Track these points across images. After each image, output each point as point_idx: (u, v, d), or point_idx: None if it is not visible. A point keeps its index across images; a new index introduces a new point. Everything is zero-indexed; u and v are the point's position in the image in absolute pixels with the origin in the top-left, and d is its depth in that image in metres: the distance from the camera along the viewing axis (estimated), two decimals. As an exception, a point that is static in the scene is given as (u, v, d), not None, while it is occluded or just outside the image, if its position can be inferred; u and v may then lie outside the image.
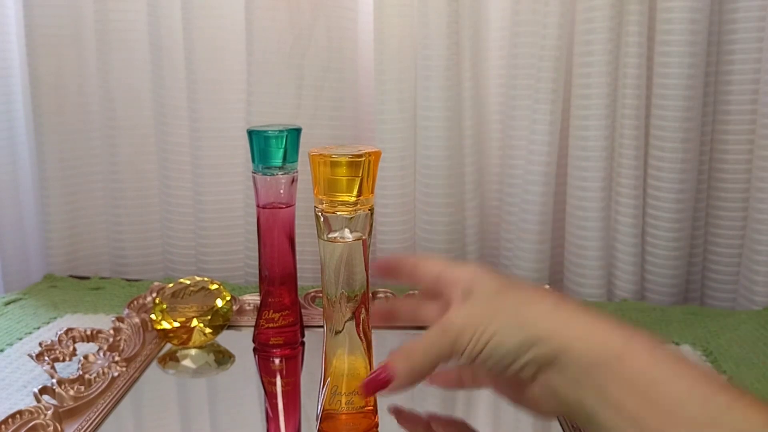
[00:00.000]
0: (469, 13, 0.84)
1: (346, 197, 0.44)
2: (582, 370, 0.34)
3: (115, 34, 0.88)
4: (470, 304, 0.40)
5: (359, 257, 0.46)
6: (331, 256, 0.46)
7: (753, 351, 0.67)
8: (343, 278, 0.46)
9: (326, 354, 0.48)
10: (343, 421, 0.48)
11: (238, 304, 0.75)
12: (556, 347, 0.35)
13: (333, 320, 0.47)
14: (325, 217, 0.45)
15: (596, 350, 0.34)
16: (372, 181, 0.45)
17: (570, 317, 0.36)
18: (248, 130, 0.62)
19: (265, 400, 0.60)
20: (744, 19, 0.78)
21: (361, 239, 0.46)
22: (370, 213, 0.45)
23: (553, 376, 0.36)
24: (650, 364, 0.33)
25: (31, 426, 0.49)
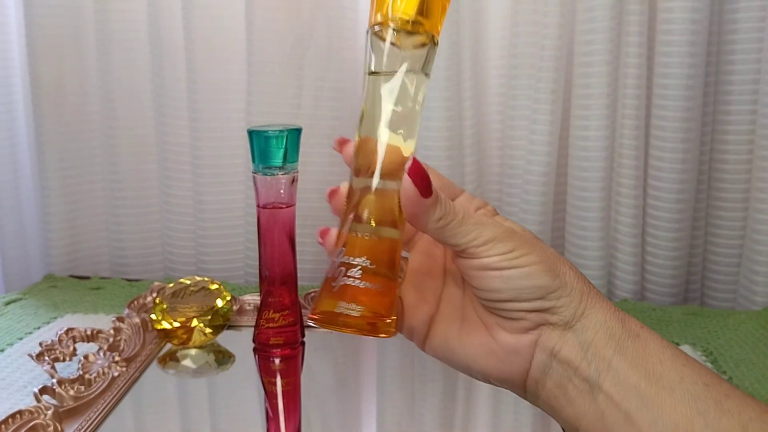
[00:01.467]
0: (469, 13, 0.84)
1: (408, 15, 0.36)
2: (597, 339, 0.34)
3: (115, 35, 0.88)
4: (506, 225, 0.36)
5: (416, 100, 0.37)
6: (380, 97, 0.36)
7: (753, 351, 0.67)
8: (391, 128, 0.36)
9: (341, 225, 0.37)
10: (336, 297, 0.35)
11: (238, 304, 0.75)
12: (581, 311, 0.34)
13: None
14: (378, 41, 0.36)
15: (616, 325, 0.34)
16: (442, 10, 0.37)
17: (593, 289, 0.36)
18: (248, 130, 0.62)
19: (265, 400, 0.60)
20: (744, 19, 0.78)
21: (423, 75, 0.37)
22: (432, 45, 0.37)
23: (554, 335, 0.34)
24: (662, 346, 0.34)
25: (31, 426, 0.49)
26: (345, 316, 0.34)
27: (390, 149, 0.36)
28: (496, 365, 0.36)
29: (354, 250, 0.35)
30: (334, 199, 0.39)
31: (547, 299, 0.34)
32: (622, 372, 0.33)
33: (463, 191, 0.40)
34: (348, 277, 0.35)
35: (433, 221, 0.34)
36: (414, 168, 0.34)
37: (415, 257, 0.39)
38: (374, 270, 0.35)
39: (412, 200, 0.34)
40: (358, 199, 0.36)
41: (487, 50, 0.87)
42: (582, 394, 0.34)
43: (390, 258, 0.36)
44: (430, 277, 0.39)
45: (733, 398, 0.32)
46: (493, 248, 0.34)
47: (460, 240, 0.34)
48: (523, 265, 0.34)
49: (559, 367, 0.34)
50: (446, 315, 0.38)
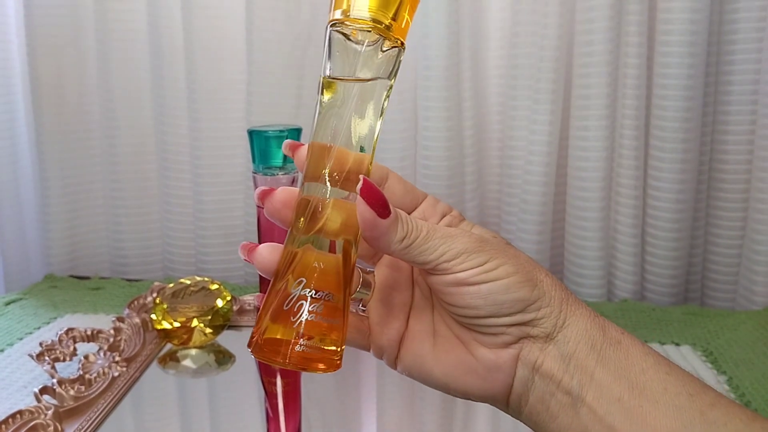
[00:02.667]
0: (469, 13, 0.84)
1: (377, 14, 0.32)
2: (578, 350, 0.33)
3: (115, 35, 0.88)
4: (475, 234, 0.34)
5: (376, 111, 0.33)
6: (337, 105, 0.33)
7: (753, 351, 0.67)
8: (344, 138, 0.33)
9: (289, 240, 0.34)
10: (294, 333, 0.32)
11: (238, 304, 0.75)
12: (562, 321, 0.33)
13: (311, 202, 0.33)
14: (343, 41, 0.33)
15: (597, 333, 0.33)
16: (409, 14, 0.33)
17: (570, 295, 0.35)
18: (248, 130, 0.62)
19: (265, 400, 0.60)
20: (744, 19, 0.78)
21: (387, 85, 0.33)
22: (399, 51, 0.33)
23: (535, 348, 0.33)
24: (643, 353, 0.33)
25: (31, 426, 0.49)
26: (301, 353, 0.31)
27: (349, 157, 0.33)
28: (477, 383, 0.34)
29: (314, 279, 0.32)
30: (274, 201, 0.34)
31: (527, 312, 0.33)
32: (605, 384, 0.32)
33: (425, 196, 0.37)
34: (310, 313, 0.32)
35: (395, 243, 0.31)
36: (366, 188, 0.31)
37: (381, 270, 0.36)
38: (334, 302, 0.32)
39: (369, 223, 0.31)
40: (313, 211, 0.33)
41: (487, 50, 0.87)
42: (565, 409, 0.32)
43: (347, 281, 0.33)
44: (398, 292, 0.36)
45: (719, 408, 0.31)
46: (465, 261, 0.32)
47: (428, 257, 0.32)
48: (501, 277, 0.32)
49: (541, 382, 0.33)
50: (417, 332, 0.35)
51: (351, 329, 0.35)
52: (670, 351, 0.69)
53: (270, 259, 0.33)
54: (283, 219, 0.34)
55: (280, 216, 0.34)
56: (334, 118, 0.33)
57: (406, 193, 0.36)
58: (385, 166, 0.36)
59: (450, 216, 0.37)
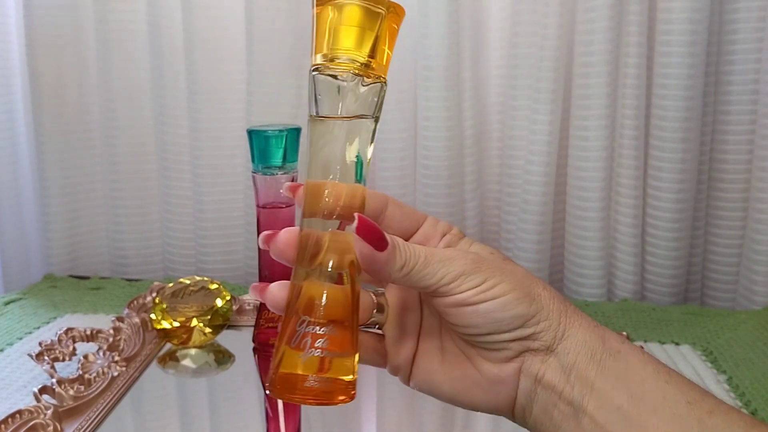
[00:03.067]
0: (469, 13, 0.84)
1: (355, 55, 0.33)
2: (578, 360, 0.33)
3: (115, 35, 0.88)
4: (475, 252, 0.35)
5: (365, 144, 0.35)
6: (327, 143, 0.34)
7: (753, 351, 0.67)
8: (336, 173, 0.34)
9: (294, 276, 0.35)
10: (303, 370, 0.33)
11: (238, 304, 0.75)
12: (561, 333, 0.34)
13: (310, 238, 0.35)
14: (326, 81, 0.34)
15: (596, 343, 0.34)
16: (389, 48, 0.34)
17: (569, 306, 0.35)
18: (248, 129, 0.62)
19: (265, 400, 0.60)
20: (744, 19, 0.78)
21: (372, 119, 0.35)
22: (381, 87, 0.34)
23: (536, 361, 0.34)
24: (643, 362, 0.34)
25: (31, 425, 0.49)
26: (315, 388, 0.33)
27: (344, 191, 0.34)
28: (483, 396, 0.35)
29: (318, 315, 0.33)
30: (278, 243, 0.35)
31: (526, 327, 0.34)
32: (605, 393, 0.33)
33: (426, 217, 0.38)
34: (316, 348, 0.33)
35: (395, 271, 0.33)
36: (361, 226, 0.32)
37: (392, 292, 0.37)
38: (341, 332, 0.33)
39: (368, 258, 0.32)
40: (314, 246, 0.34)
41: (487, 50, 0.87)
42: (567, 419, 0.33)
43: (354, 309, 0.34)
44: (409, 312, 0.37)
45: (718, 415, 0.31)
46: (464, 283, 0.33)
47: (428, 282, 0.33)
48: (498, 295, 0.33)
49: (543, 393, 0.34)
50: (427, 349, 0.37)
51: (370, 351, 0.37)
52: (670, 351, 0.69)
53: (281, 297, 0.35)
54: (288, 259, 0.35)
55: (285, 257, 0.35)
56: (325, 154, 0.34)
57: (406, 217, 0.38)
58: (383, 194, 0.37)
59: (450, 235, 0.38)
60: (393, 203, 0.37)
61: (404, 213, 0.38)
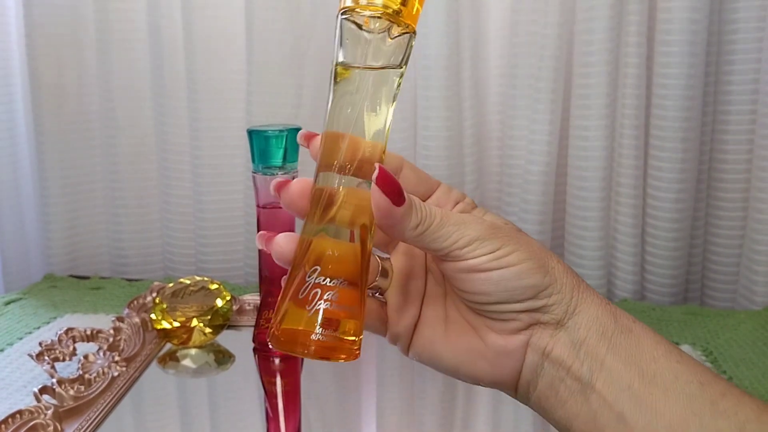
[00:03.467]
0: (469, 13, 0.84)
1: (389, 0, 0.32)
2: (589, 336, 0.33)
3: (115, 35, 0.88)
4: (488, 220, 0.34)
5: (388, 98, 0.33)
6: (349, 93, 0.33)
7: (753, 351, 0.67)
8: (357, 126, 0.33)
9: (305, 229, 0.34)
10: (309, 322, 0.32)
11: (238, 304, 0.75)
12: (573, 308, 0.33)
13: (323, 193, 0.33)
14: (354, 29, 0.33)
15: (608, 321, 0.33)
16: (419, 1, 0.34)
17: (582, 283, 0.34)
18: (248, 129, 0.62)
19: (265, 400, 0.60)
20: (744, 19, 0.78)
21: (399, 71, 0.33)
22: (410, 37, 0.34)
23: (546, 334, 0.33)
24: (655, 342, 0.33)
25: (31, 426, 0.49)
26: (319, 342, 0.31)
27: (363, 146, 0.33)
28: (486, 368, 0.34)
29: (329, 267, 0.32)
30: (290, 192, 0.34)
31: (538, 298, 0.33)
32: (615, 371, 0.32)
33: (439, 184, 0.38)
34: (325, 301, 0.32)
35: (410, 229, 0.32)
36: (381, 177, 0.31)
37: (397, 258, 0.37)
38: (350, 290, 0.32)
39: (384, 211, 0.31)
40: (327, 200, 0.33)
41: (487, 50, 0.87)
42: (574, 395, 0.33)
43: (363, 268, 0.33)
44: (413, 279, 0.37)
45: (730, 397, 0.31)
46: (478, 248, 0.32)
47: (441, 244, 0.32)
48: (512, 264, 0.32)
49: (551, 368, 0.33)
50: (430, 318, 0.36)
51: (372, 317, 0.36)
52: (670, 351, 0.69)
53: (287, 248, 0.34)
54: (299, 210, 0.34)
55: (296, 207, 0.34)
56: (346, 107, 0.33)
57: (420, 182, 0.37)
58: (399, 155, 0.36)
59: (463, 203, 0.37)
60: (408, 166, 0.37)
61: (419, 177, 0.37)
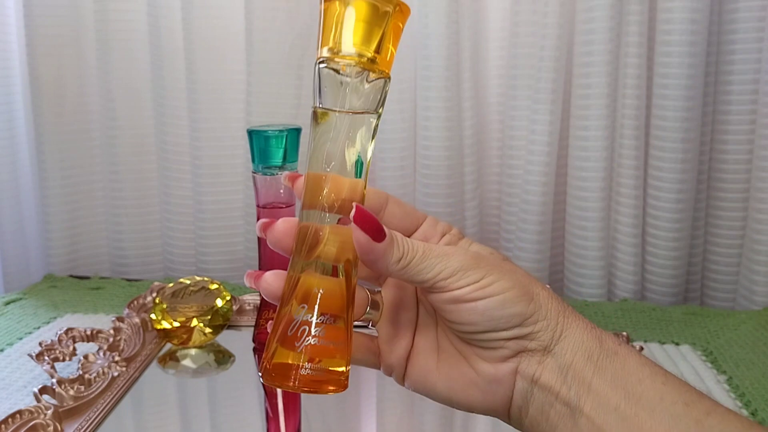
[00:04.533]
0: (469, 13, 0.84)
1: (361, 50, 0.34)
2: (575, 361, 0.33)
3: (115, 34, 0.88)
4: (475, 251, 0.35)
5: (366, 139, 0.35)
6: (329, 136, 0.34)
7: (753, 351, 0.67)
8: (337, 166, 0.34)
9: (291, 266, 0.35)
10: (299, 358, 0.33)
11: (238, 304, 0.75)
12: (558, 333, 0.34)
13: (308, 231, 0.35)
14: (332, 75, 0.34)
15: (593, 345, 0.34)
16: (393, 46, 0.35)
17: (567, 308, 0.35)
18: (248, 129, 0.62)
19: (265, 400, 0.60)
20: (744, 19, 0.78)
21: (375, 114, 0.35)
22: (385, 83, 0.35)
23: (533, 361, 0.34)
24: (640, 364, 0.33)
25: (31, 426, 0.49)
26: (308, 376, 0.33)
27: (344, 184, 0.34)
28: (479, 396, 0.35)
29: (315, 304, 0.33)
30: (275, 232, 0.35)
31: (524, 326, 0.33)
32: (602, 394, 0.32)
33: (425, 217, 0.38)
34: (312, 337, 0.33)
35: (393, 264, 0.33)
36: (359, 216, 0.32)
37: (388, 290, 0.37)
38: (337, 324, 0.34)
39: (365, 247, 0.32)
40: (313, 237, 0.34)
41: (487, 50, 0.87)
42: (563, 419, 0.33)
43: (349, 302, 0.34)
44: (404, 310, 0.37)
45: (714, 416, 0.31)
46: (462, 278, 0.33)
47: (425, 276, 0.33)
48: (496, 293, 0.33)
49: (540, 394, 0.34)
50: (423, 348, 0.37)
51: (362, 350, 0.37)
52: (670, 351, 0.69)
53: (275, 286, 0.35)
54: (285, 248, 0.35)
55: (282, 245, 0.35)
56: (327, 147, 0.34)
57: (406, 216, 0.38)
58: (383, 192, 0.37)
59: (449, 235, 0.38)
60: (393, 201, 0.37)
61: (404, 211, 0.38)
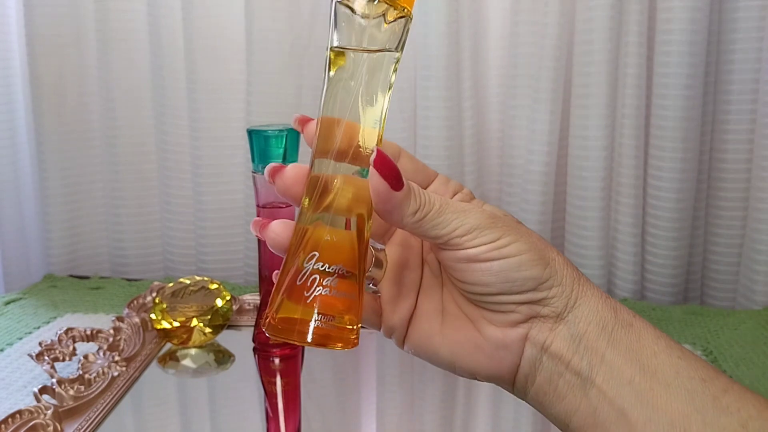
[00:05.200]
0: (469, 13, 0.84)
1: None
2: (589, 330, 0.32)
3: (115, 35, 0.88)
4: (492, 211, 0.34)
5: (385, 83, 0.33)
6: (345, 78, 0.32)
7: (753, 351, 0.67)
8: (354, 111, 0.32)
9: (300, 217, 0.33)
10: (308, 308, 0.31)
11: (238, 304, 0.75)
12: (573, 301, 0.32)
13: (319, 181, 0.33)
14: (349, 14, 0.32)
15: (608, 315, 0.33)
16: None
17: (582, 276, 0.34)
18: (248, 129, 0.62)
19: (265, 400, 0.60)
20: (744, 18, 0.78)
21: (395, 54, 0.33)
22: (407, 21, 0.33)
23: (545, 328, 0.32)
24: (655, 337, 0.33)
25: (31, 426, 0.49)
26: (318, 329, 0.31)
27: (359, 132, 0.32)
28: (484, 362, 0.34)
29: (327, 254, 0.32)
30: (284, 178, 0.33)
31: (538, 290, 0.32)
32: (616, 366, 0.31)
33: (437, 174, 0.37)
34: (324, 287, 0.31)
35: (408, 215, 0.31)
36: (379, 160, 0.30)
37: (392, 249, 0.36)
38: (348, 276, 0.32)
39: (382, 196, 0.31)
40: (324, 187, 0.32)
41: (487, 50, 0.87)
42: (573, 390, 0.32)
43: (361, 257, 0.33)
44: (409, 270, 0.35)
45: (732, 394, 0.31)
46: (478, 237, 0.31)
47: (440, 231, 0.31)
48: (513, 254, 0.31)
49: (549, 362, 0.32)
50: (426, 310, 0.35)
51: (365, 309, 0.35)
52: (670, 351, 0.69)
53: (282, 235, 0.33)
54: (293, 196, 0.33)
55: (290, 193, 0.34)
56: (342, 92, 0.32)
57: (418, 172, 0.36)
58: (396, 144, 0.35)
59: (462, 194, 0.37)
60: (405, 155, 0.36)
61: (416, 167, 0.36)
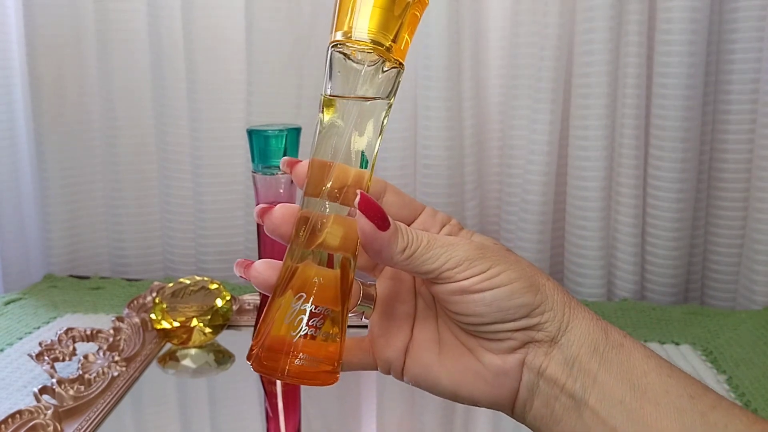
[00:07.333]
0: (469, 13, 0.84)
1: (378, 37, 0.32)
2: (581, 353, 0.33)
3: (115, 35, 0.88)
4: (478, 241, 0.35)
5: (375, 129, 0.34)
6: (338, 123, 0.34)
7: (753, 351, 0.67)
8: (344, 155, 0.33)
9: (289, 255, 0.34)
10: (293, 347, 0.32)
11: (238, 304, 0.75)
12: (565, 324, 0.33)
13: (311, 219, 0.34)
14: (344, 61, 0.33)
15: (599, 336, 0.34)
16: (409, 35, 0.34)
17: (573, 299, 0.35)
18: (248, 129, 0.62)
19: (265, 400, 0.60)
20: (744, 18, 0.78)
21: (386, 102, 0.34)
22: (398, 72, 0.34)
23: (540, 353, 0.33)
24: (645, 356, 0.33)
25: (31, 426, 0.49)
26: (301, 367, 0.32)
27: (349, 174, 0.34)
28: (485, 389, 0.34)
29: (314, 295, 0.33)
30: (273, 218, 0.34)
31: (531, 316, 0.33)
32: (608, 386, 0.32)
33: (424, 207, 0.38)
34: (309, 327, 0.32)
35: (397, 253, 0.32)
36: (364, 202, 0.31)
37: (383, 283, 0.37)
38: (334, 317, 0.33)
39: (369, 236, 0.31)
40: (313, 226, 0.33)
41: (487, 50, 0.87)
42: (568, 412, 0.33)
43: (346, 296, 0.34)
44: (401, 303, 0.36)
45: (720, 410, 0.31)
46: (468, 269, 0.32)
47: (430, 266, 0.32)
48: (504, 283, 0.32)
49: (545, 386, 0.33)
50: (423, 340, 0.36)
51: (353, 350, 0.36)
52: (670, 350, 0.69)
53: (266, 275, 0.34)
54: (282, 235, 0.34)
55: (279, 232, 0.35)
56: (334, 137, 0.34)
57: (404, 206, 0.37)
58: (382, 180, 0.36)
59: (449, 225, 0.37)
60: (392, 190, 0.37)
61: (402, 201, 0.37)
